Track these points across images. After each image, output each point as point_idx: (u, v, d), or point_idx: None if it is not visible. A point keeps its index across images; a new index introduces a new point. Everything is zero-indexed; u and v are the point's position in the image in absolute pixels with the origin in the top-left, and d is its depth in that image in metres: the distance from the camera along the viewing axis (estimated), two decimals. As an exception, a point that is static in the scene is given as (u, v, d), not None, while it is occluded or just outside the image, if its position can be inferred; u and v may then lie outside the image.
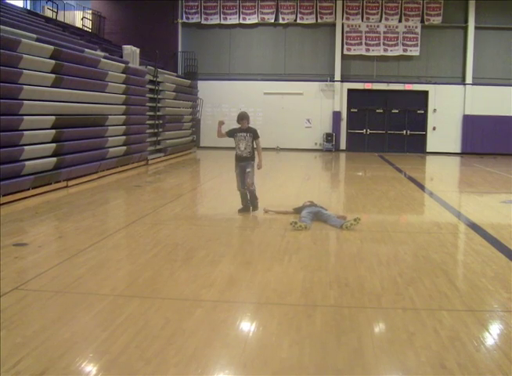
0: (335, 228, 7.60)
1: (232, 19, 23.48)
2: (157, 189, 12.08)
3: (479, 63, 22.64)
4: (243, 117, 8.39)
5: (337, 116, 23.34)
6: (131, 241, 6.90)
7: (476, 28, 22.45)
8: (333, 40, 23.21)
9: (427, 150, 23.31)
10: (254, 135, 8.43)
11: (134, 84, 15.28)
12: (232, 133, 8.51)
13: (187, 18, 23.75)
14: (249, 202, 8.67)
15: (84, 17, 21.66)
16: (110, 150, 13.52)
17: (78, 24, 21.51)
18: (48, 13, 19.46)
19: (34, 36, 10.96)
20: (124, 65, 14.92)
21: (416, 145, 23.39)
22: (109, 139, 13.53)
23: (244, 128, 8.42)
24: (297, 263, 5.81)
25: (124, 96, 14.53)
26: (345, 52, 23.13)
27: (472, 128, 22.74)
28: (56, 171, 10.76)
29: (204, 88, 22.83)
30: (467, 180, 14.97)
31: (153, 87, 17.34)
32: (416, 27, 22.78)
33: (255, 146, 8.59)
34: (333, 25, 23.16)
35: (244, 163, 8.45)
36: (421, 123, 23.39)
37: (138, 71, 16.11)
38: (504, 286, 5.06)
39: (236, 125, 8.59)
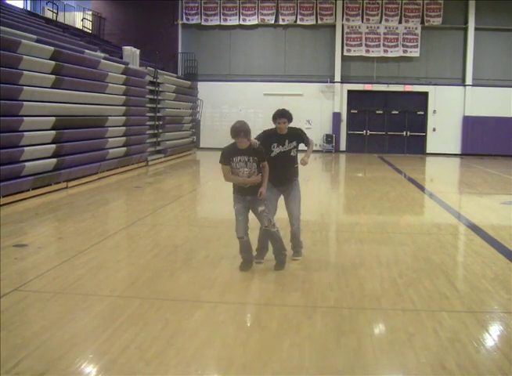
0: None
1: (232, 21, 23.48)
2: (157, 190, 12.08)
3: (479, 64, 22.63)
4: (237, 132, 5.18)
5: (336, 117, 23.34)
6: (131, 242, 6.90)
7: (476, 29, 22.44)
8: (333, 41, 23.20)
9: (427, 151, 23.30)
10: (259, 158, 5.35)
11: (134, 86, 15.28)
12: (226, 159, 5.36)
13: (187, 19, 23.75)
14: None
15: (84, 18, 21.63)
16: (110, 150, 13.51)
17: (78, 25, 21.50)
18: (48, 14, 19.45)
19: (34, 37, 10.97)
20: (124, 66, 14.92)
21: (416, 146, 23.38)
22: (109, 140, 13.53)
23: (243, 149, 5.30)
24: (297, 264, 5.80)
25: (124, 97, 14.53)
26: (345, 53, 23.12)
27: (472, 129, 22.73)
28: (56, 172, 10.75)
29: (204, 89, 22.82)
30: (467, 181, 14.96)
31: (153, 88, 17.34)
32: (416, 28, 22.78)
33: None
34: (333, 26, 23.16)
35: (251, 196, 5.44)
36: (421, 124, 23.39)
37: (138, 72, 16.11)
38: (504, 287, 5.06)
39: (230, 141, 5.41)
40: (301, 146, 5.76)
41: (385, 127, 23.63)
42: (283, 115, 5.61)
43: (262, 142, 5.50)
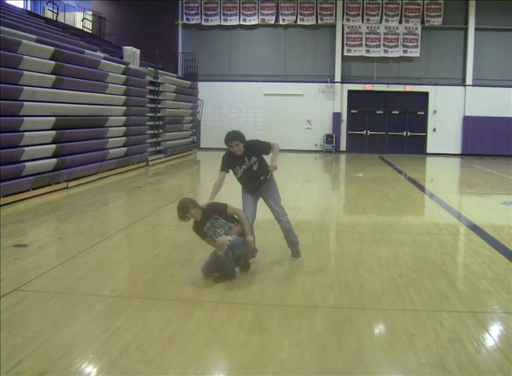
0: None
1: (233, 21, 23.48)
2: (158, 190, 12.08)
3: (479, 64, 22.63)
4: (182, 214, 5.22)
5: (337, 117, 23.34)
6: (132, 242, 6.90)
7: (476, 29, 22.44)
8: (334, 41, 23.20)
9: (428, 152, 23.29)
10: (220, 213, 5.33)
11: (134, 86, 15.28)
12: (201, 234, 5.36)
13: (187, 19, 23.75)
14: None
15: (84, 18, 21.62)
16: (111, 151, 13.52)
17: (78, 25, 21.49)
18: (49, 14, 19.44)
19: (35, 37, 10.96)
20: (124, 66, 14.93)
21: (417, 146, 23.38)
22: (110, 140, 13.53)
23: (201, 218, 5.29)
24: (297, 264, 5.81)
25: (124, 97, 14.53)
26: (345, 54, 23.13)
27: (472, 130, 22.72)
28: (57, 172, 10.75)
29: (204, 89, 22.83)
30: (467, 181, 14.96)
31: (153, 88, 17.34)
32: (417, 29, 22.78)
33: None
34: (334, 26, 23.16)
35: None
36: (421, 124, 23.39)
37: (138, 72, 16.11)
38: (504, 287, 5.06)
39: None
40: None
41: (385, 127, 23.63)
42: (233, 138, 5.46)
43: (227, 166, 5.62)
